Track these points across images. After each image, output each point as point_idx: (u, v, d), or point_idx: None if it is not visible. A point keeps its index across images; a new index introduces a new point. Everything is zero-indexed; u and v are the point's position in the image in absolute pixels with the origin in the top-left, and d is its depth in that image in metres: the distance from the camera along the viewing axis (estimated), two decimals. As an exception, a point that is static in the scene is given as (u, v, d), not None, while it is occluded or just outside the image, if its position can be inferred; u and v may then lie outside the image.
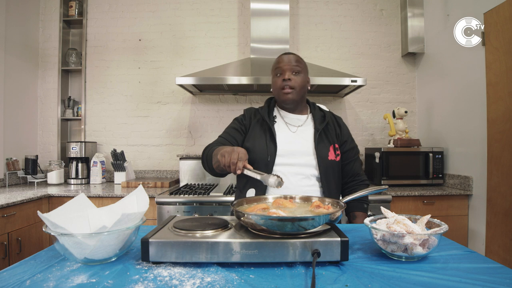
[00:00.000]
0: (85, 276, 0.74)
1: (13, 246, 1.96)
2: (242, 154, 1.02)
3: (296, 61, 1.36)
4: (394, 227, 0.85)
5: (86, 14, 3.03)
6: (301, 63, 1.38)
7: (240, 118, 1.46)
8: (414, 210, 2.31)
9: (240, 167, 0.99)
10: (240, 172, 0.99)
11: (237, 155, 1.00)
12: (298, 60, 1.37)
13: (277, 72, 1.36)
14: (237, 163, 0.99)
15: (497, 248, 2.03)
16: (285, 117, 1.42)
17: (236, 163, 0.99)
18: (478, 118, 2.24)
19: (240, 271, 0.77)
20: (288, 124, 1.40)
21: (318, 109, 1.47)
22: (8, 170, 2.60)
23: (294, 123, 1.40)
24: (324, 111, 1.48)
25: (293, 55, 1.38)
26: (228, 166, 1.01)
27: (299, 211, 0.95)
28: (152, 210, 2.19)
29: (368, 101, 3.08)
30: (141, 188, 0.98)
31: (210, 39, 3.05)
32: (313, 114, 1.44)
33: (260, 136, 1.36)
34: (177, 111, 3.04)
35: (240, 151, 1.02)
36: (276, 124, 1.39)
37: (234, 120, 1.47)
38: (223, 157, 1.04)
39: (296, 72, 1.34)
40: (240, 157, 1.00)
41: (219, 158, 1.07)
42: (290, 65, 1.34)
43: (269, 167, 1.29)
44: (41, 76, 3.03)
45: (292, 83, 1.33)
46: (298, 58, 1.38)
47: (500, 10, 2.00)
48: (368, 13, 3.08)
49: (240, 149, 1.03)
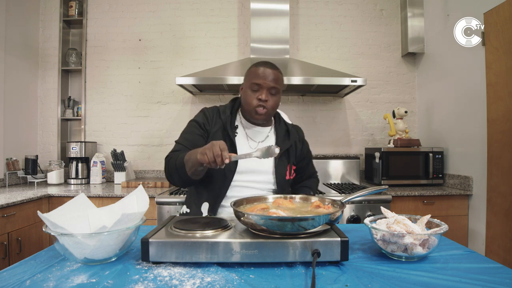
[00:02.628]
0: (85, 276, 0.74)
1: (13, 246, 1.96)
2: (223, 145, 1.00)
3: (276, 80, 1.25)
4: (394, 227, 0.85)
5: (86, 14, 3.03)
6: (280, 82, 1.28)
7: (201, 123, 1.31)
8: (414, 210, 2.31)
9: (227, 156, 0.97)
10: (228, 161, 0.98)
11: (218, 147, 0.99)
12: (278, 79, 1.26)
13: (254, 87, 1.24)
14: (221, 154, 0.98)
15: (497, 248, 2.03)
16: (247, 129, 1.34)
17: (220, 154, 0.98)
18: (478, 118, 2.24)
19: (240, 271, 0.77)
20: (249, 138, 1.33)
21: (282, 123, 1.41)
22: (8, 170, 2.60)
23: (255, 138, 1.34)
24: (287, 126, 1.41)
25: (274, 71, 1.25)
26: (213, 161, 0.99)
27: (299, 211, 0.95)
28: (152, 210, 2.19)
29: (368, 101, 3.08)
30: (141, 188, 0.98)
31: (210, 39, 3.05)
32: (276, 129, 1.38)
33: None
34: (177, 111, 3.04)
35: (220, 143, 1.00)
36: (237, 137, 1.31)
37: (194, 124, 1.32)
38: (204, 155, 1.00)
39: (274, 93, 1.25)
40: (222, 147, 0.99)
41: (199, 158, 1.02)
42: (270, 84, 1.23)
43: (225, 184, 1.25)
44: (41, 76, 3.03)
45: (268, 105, 1.24)
46: (279, 76, 1.27)
47: (500, 10, 2.00)
48: (368, 13, 3.08)
49: (218, 142, 1.01)
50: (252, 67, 1.29)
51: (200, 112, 1.37)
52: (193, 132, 1.31)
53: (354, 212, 2.19)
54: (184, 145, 1.27)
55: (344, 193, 2.29)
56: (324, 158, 2.88)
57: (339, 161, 2.86)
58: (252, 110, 1.26)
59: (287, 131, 1.39)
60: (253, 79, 1.24)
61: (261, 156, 1.01)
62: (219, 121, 1.32)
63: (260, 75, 1.24)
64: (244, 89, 1.30)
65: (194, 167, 1.10)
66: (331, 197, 1.06)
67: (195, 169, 1.10)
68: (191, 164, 1.10)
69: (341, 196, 2.15)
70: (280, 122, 1.41)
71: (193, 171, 1.11)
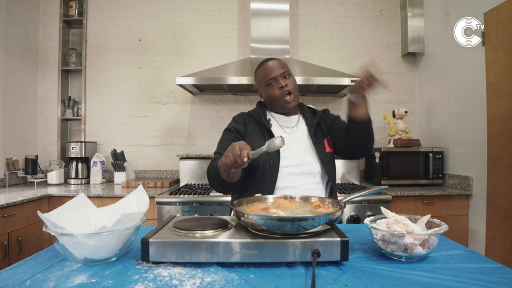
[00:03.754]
0: (85, 276, 0.74)
1: (13, 246, 1.96)
2: (242, 144, 1.03)
3: (282, 65, 1.36)
4: (394, 227, 0.85)
5: (86, 14, 3.03)
6: (286, 65, 1.38)
7: (232, 127, 1.41)
8: (414, 210, 2.31)
9: (245, 154, 1.00)
10: (247, 159, 1.00)
11: (238, 147, 1.01)
12: (282, 64, 1.37)
13: (270, 83, 1.34)
14: (240, 153, 1.00)
15: (497, 248, 2.03)
16: (279, 120, 1.42)
17: (239, 154, 1.00)
18: (478, 118, 2.24)
19: (240, 271, 0.77)
20: (283, 126, 1.41)
21: (306, 108, 1.51)
22: (8, 170, 2.60)
23: (288, 125, 1.42)
24: (312, 108, 1.52)
25: (276, 60, 1.37)
26: (235, 162, 1.01)
27: (299, 211, 0.95)
28: (152, 210, 2.19)
29: (368, 101, 3.08)
30: (141, 188, 0.98)
31: (210, 39, 3.05)
32: (302, 113, 1.47)
33: (259, 140, 1.34)
34: (177, 111, 3.04)
35: (239, 144, 1.03)
36: (272, 127, 1.39)
37: (227, 131, 1.42)
38: (226, 157, 1.04)
39: (287, 76, 1.35)
40: (241, 147, 1.01)
41: (224, 161, 1.06)
42: (280, 71, 1.33)
43: (274, 171, 1.29)
44: (41, 76, 3.03)
45: (289, 87, 1.33)
46: (281, 62, 1.37)
47: (500, 10, 2.00)
48: (368, 13, 3.08)
49: (238, 142, 1.04)
50: (258, 69, 1.41)
51: (231, 120, 1.47)
52: (225, 139, 1.38)
53: (354, 212, 2.19)
54: (220, 153, 1.31)
55: (344, 193, 2.29)
56: (324, 158, 2.88)
57: (339, 161, 2.86)
58: (281, 101, 1.34)
59: (313, 111, 1.50)
60: (265, 77, 1.35)
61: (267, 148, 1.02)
62: (251, 119, 1.42)
63: (268, 71, 1.34)
64: (263, 91, 1.40)
65: (226, 171, 1.13)
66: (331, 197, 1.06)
67: (228, 172, 1.13)
68: (223, 168, 1.14)
69: (341, 196, 2.14)
70: (304, 108, 1.50)
71: (226, 174, 1.15)
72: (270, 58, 1.39)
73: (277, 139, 1.00)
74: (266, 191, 1.26)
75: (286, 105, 1.35)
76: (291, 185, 1.29)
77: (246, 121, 1.42)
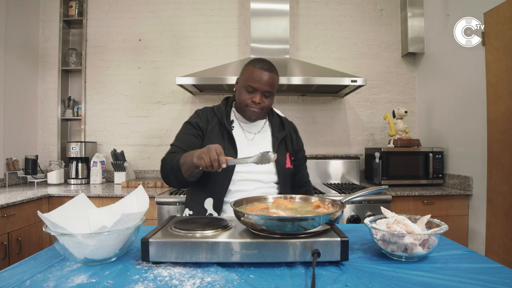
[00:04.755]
0: (85, 276, 0.74)
1: (13, 246, 1.96)
2: (219, 149, 1.01)
3: (271, 85, 1.27)
4: (394, 227, 0.85)
5: (86, 14, 3.03)
6: (275, 85, 1.30)
7: (194, 122, 1.34)
8: (414, 210, 2.31)
9: (223, 161, 0.99)
10: (225, 166, 0.99)
11: (215, 151, 1.00)
12: (273, 83, 1.28)
13: (249, 89, 1.27)
14: (218, 159, 0.99)
15: (497, 248, 2.03)
16: (243, 122, 1.38)
17: (217, 159, 0.99)
18: (478, 118, 2.24)
19: (240, 271, 0.77)
20: (245, 130, 1.37)
21: (276, 116, 1.46)
22: (8, 170, 2.60)
23: (251, 130, 1.38)
24: (281, 118, 1.46)
25: (270, 75, 1.26)
26: (211, 165, 1.00)
27: (299, 211, 0.95)
28: (152, 210, 2.19)
29: (368, 101, 3.08)
30: (141, 188, 0.98)
31: (210, 39, 3.05)
32: (270, 121, 1.42)
33: (218, 140, 1.30)
34: (177, 111, 3.04)
35: (216, 147, 1.01)
36: (233, 130, 1.35)
37: (188, 125, 1.35)
38: (200, 159, 1.02)
39: (267, 96, 1.29)
40: (218, 152, 1.00)
41: (196, 161, 1.04)
42: (265, 88, 1.26)
43: (228, 175, 1.27)
44: (41, 76, 3.03)
45: (262, 106, 1.28)
46: (274, 79, 1.28)
47: (500, 10, 2.00)
48: (368, 13, 3.08)
49: (214, 145, 1.03)
50: (249, 66, 1.30)
51: (193, 113, 1.40)
52: (186, 133, 1.34)
53: (354, 212, 2.19)
54: (179, 147, 1.29)
55: (344, 193, 2.29)
56: (324, 158, 2.88)
57: (339, 161, 2.86)
58: (245, 109, 1.30)
59: (281, 122, 1.44)
60: (249, 81, 1.26)
61: (258, 162, 1.01)
62: (214, 118, 1.37)
63: (256, 78, 1.25)
64: (239, 87, 1.32)
65: (190, 170, 1.11)
66: (331, 197, 1.06)
67: (191, 171, 1.12)
68: (187, 166, 1.11)
69: (341, 196, 2.15)
70: (273, 115, 1.45)
71: (189, 173, 1.13)
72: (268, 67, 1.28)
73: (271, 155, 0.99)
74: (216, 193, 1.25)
75: (248, 114, 1.30)
76: (243, 188, 1.28)
77: (208, 118, 1.37)
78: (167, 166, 1.23)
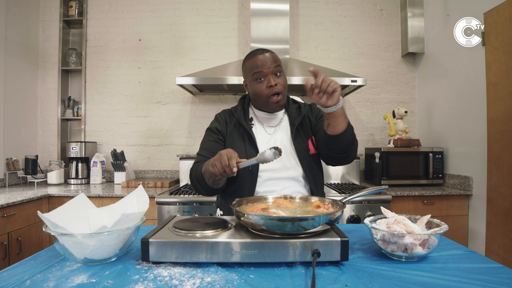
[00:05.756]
0: (85, 276, 0.74)
1: (13, 246, 1.96)
2: (230, 152, 1.00)
3: (275, 60, 1.24)
4: (394, 227, 0.85)
5: (86, 14, 3.03)
6: (279, 60, 1.27)
7: (214, 128, 1.35)
8: (414, 210, 2.31)
9: (234, 165, 0.97)
10: (236, 169, 0.97)
11: (226, 156, 0.99)
12: (276, 59, 1.26)
13: (258, 77, 1.24)
14: (229, 163, 0.97)
15: (497, 248, 2.03)
16: (262, 119, 1.36)
17: (228, 164, 0.97)
18: (478, 118, 2.24)
19: (240, 271, 0.77)
20: (265, 126, 1.35)
21: (292, 103, 1.41)
22: (8, 170, 2.60)
23: (271, 124, 1.35)
24: (298, 103, 1.42)
25: (270, 53, 1.25)
26: (224, 172, 0.99)
27: (299, 211, 0.95)
28: (152, 210, 2.19)
29: (368, 101, 3.08)
30: (141, 188, 0.98)
31: (210, 39, 3.05)
32: (287, 109, 1.38)
33: (239, 142, 1.29)
34: (177, 111, 3.04)
35: (227, 152, 1.00)
36: (253, 127, 1.33)
37: (209, 132, 1.36)
38: (214, 166, 1.01)
39: (278, 73, 1.24)
40: (229, 156, 0.99)
41: (211, 170, 1.03)
42: (271, 67, 1.22)
43: (253, 177, 1.25)
44: (41, 76, 3.03)
45: (279, 88, 1.24)
46: (275, 56, 1.27)
47: (500, 10, 2.00)
48: (368, 13, 3.08)
49: (225, 150, 1.01)
50: (246, 60, 1.30)
51: (213, 119, 1.41)
52: (208, 140, 1.33)
53: (354, 212, 2.19)
54: (203, 155, 1.28)
55: (344, 193, 2.29)
56: (324, 158, 2.88)
57: (339, 161, 2.86)
58: (267, 101, 1.26)
59: (298, 107, 1.39)
60: (254, 69, 1.24)
61: (260, 161, 1.00)
62: (233, 119, 1.36)
63: (259, 64, 1.23)
64: (249, 84, 1.30)
65: (212, 178, 1.10)
66: (331, 197, 1.06)
67: (213, 179, 1.10)
68: (208, 175, 1.11)
69: (341, 196, 2.15)
70: (289, 103, 1.40)
71: (212, 181, 1.12)
72: (263, 50, 1.26)
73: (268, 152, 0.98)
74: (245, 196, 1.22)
75: (272, 105, 1.27)
76: (271, 189, 1.24)
77: (227, 121, 1.36)
78: (193, 177, 1.23)
